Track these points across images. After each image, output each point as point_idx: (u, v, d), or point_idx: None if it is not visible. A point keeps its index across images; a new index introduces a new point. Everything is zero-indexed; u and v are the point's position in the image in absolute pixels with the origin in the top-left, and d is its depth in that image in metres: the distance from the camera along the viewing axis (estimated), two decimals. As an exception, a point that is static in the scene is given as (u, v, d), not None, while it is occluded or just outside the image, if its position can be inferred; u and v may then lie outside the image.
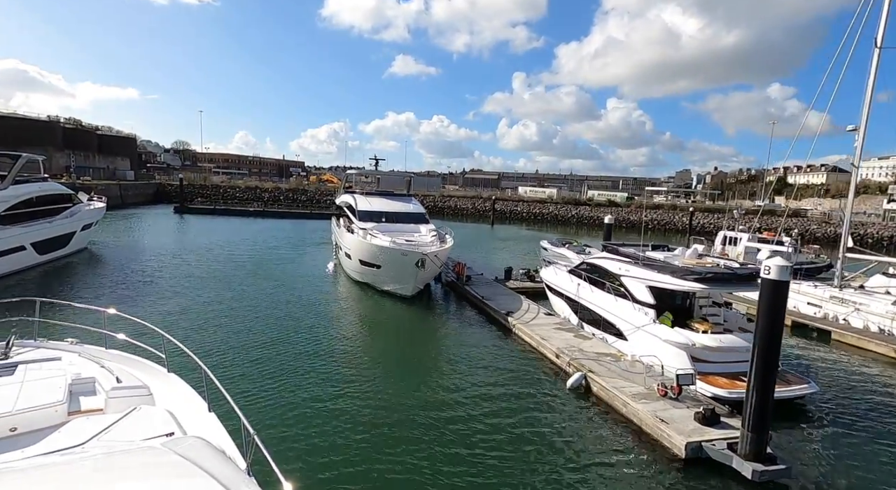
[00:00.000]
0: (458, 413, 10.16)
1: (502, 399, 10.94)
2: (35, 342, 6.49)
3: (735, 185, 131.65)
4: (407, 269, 17.29)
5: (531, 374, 12.47)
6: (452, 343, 14.94)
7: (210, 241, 32.63)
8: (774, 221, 65.76)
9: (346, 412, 9.87)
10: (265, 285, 20.37)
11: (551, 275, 18.15)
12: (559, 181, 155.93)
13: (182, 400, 5.38)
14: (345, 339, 14.69)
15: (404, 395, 10.87)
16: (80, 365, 5.79)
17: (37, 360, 5.69)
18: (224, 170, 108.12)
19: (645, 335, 12.57)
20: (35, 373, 5.29)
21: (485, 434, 9.34)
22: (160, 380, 5.82)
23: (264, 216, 52.61)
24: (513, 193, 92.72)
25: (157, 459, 3.38)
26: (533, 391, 11.48)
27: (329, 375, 11.75)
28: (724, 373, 11.44)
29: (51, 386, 4.98)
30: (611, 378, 11.23)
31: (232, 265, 24.50)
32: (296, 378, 11.43)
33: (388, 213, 22.13)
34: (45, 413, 4.59)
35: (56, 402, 4.71)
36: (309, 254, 29.98)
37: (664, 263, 13.05)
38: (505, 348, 14.31)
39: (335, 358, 12.92)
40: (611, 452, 8.97)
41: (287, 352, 13.00)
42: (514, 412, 10.36)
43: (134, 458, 3.44)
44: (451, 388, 11.43)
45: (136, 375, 5.74)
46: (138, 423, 4.51)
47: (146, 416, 4.68)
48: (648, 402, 9.95)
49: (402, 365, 13.14)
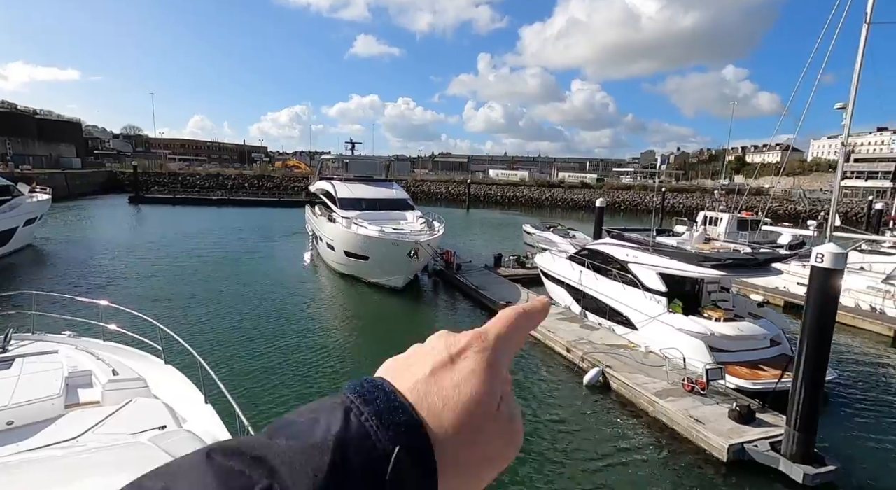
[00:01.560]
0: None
1: (518, 400, 10.14)
2: (32, 335, 6.48)
3: (697, 165, 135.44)
4: (399, 260, 16.16)
5: (542, 370, 11.73)
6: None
7: (172, 233, 30.27)
8: (739, 199, 67.65)
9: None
10: (240, 280, 18.79)
11: (548, 261, 17.42)
12: (528, 163, 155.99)
13: (178, 392, 5.38)
14: (336, 333, 13.64)
15: None
16: (77, 358, 5.79)
17: (33, 354, 5.69)
18: (181, 156, 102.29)
19: (658, 325, 12.01)
20: (32, 366, 5.31)
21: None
22: (157, 371, 5.82)
23: (229, 205, 49.79)
24: (484, 176, 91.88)
25: (138, 455, 3.29)
26: (547, 389, 10.75)
27: (322, 368, 10.82)
28: (743, 361, 11.02)
29: (47, 379, 4.99)
30: (630, 373, 10.60)
31: (199, 260, 22.62)
32: (287, 373, 10.35)
33: (371, 199, 20.78)
34: (41, 406, 4.59)
35: (52, 396, 4.71)
36: (282, 245, 28.25)
37: (677, 249, 12.48)
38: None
39: (327, 352, 12.13)
40: (644, 457, 8.34)
41: (269, 353, 11.81)
42: (528, 413, 9.59)
43: (116, 454, 3.38)
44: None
45: (132, 368, 5.73)
46: (134, 415, 4.49)
47: (142, 408, 4.66)
48: (676, 400, 9.36)
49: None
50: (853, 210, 59.69)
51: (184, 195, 51.75)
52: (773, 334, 11.39)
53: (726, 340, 11.01)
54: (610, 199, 65.50)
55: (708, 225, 28.42)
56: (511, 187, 67.28)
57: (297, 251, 26.01)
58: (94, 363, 5.67)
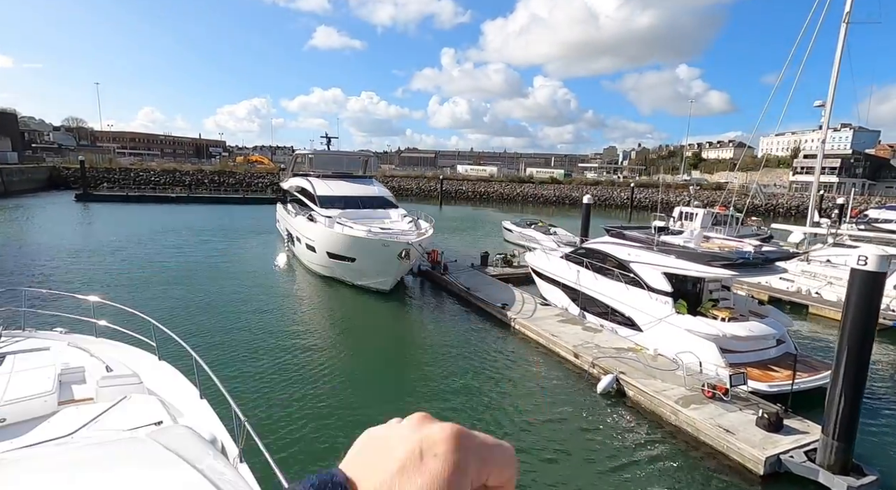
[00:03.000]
0: (470, 420, 8.69)
1: (526, 411, 9.55)
2: (23, 333, 6.36)
3: (657, 161, 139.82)
4: (388, 262, 15.21)
5: (551, 378, 11.17)
6: (448, 342, 13.25)
7: (128, 233, 27.93)
8: (702, 194, 69.84)
9: (340, 408, 8.90)
10: (210, 286, 17.30)
11: (541, 260, 16.92)
12: (494, 159, 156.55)
13: (173, 387, 5.36)
14: (320, 338, 12.61)
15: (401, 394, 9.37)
16: (69, 354, 5.72)
17: (25, 351, 5.62)
18: (132, 150, 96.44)
19: (665, 326, 11.69)
20: (23, 363, 5.24)
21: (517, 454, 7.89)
22: (151, 367, 5.78)
23: (189, 202, 46.90)
24: (452, 172, 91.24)
25: (139, 450, 3.34)
26: (558, 399, 10.19)
27: (309, 372, 9.92)
28: (752, 363, 10.83)
29: (39, 376, 4.95)
30: (644, 379, 10.18)
31: (161, 264, 20.79)
32: (273, 381, 9.33)
33: (352, 197, 19.63)
34: (34, 403, 4.54)
35: (45, 393, 4.67)
36: (252, 246, 26.56)
37: (683, 248, 12.16)
38: (510, 348, 12.91)
39: (312, 357, 11.26)
40: (673, 470, 7.89)
41: (247, 358, 10.70)
42: (542, 426, 9.03)
43: (115, 450, 3.42)
44: (458, 393, 10.01)
45: (125, 364, 5.67)
46: (128, 411, 4.46)
47: (136, 404, 4.63)
48: (699, 408, 8.99)
49: (392, 367, 11.58)
50: (804, 204, 63.00)
51: (138, 192, 48.29)
52: (780, 333, 11.27)
53: (736, 341, 10.78)
54: (579, 194, 66.44)
55: (683, 220, 28.91)
56: (482, 183, 66.87)
57: (269, 252, 24.49)
58: (87, 359, 5.59)
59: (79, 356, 5.68)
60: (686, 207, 29.29)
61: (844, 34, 17.62)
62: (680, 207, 29.68)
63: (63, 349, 5.86)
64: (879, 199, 56.78)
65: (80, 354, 5.75)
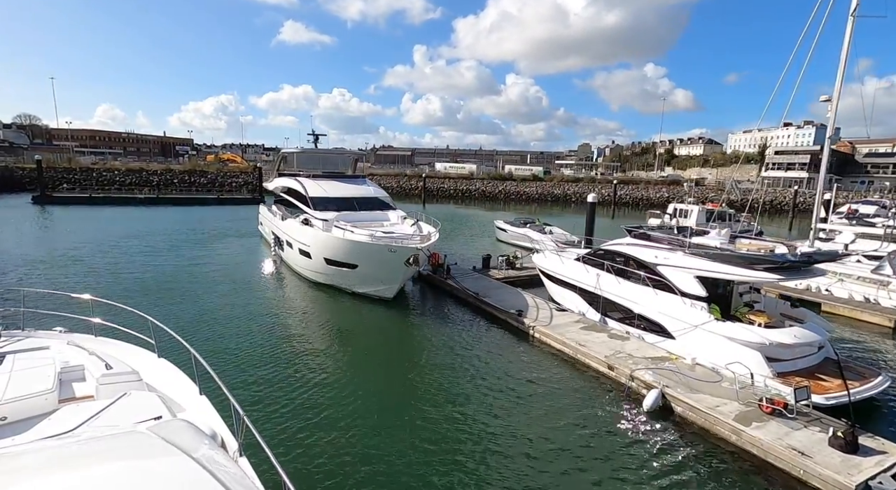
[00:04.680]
0: (509, 451, 7.95)
1: (563, 437, 8.59)
2: (22, 332, 6.39)
3: (631, 157, 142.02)
4: (394, 268, 14.02)
5: (583, 395, 10.25)
6: (459, 353, 12.18)
7: (93, 238, 25.71)
8: (679, 190, 70.84)
9: (340, 410, 7.62)
10: (193, 295, 15.72)
11: (553, 263, 16.05)
12: (471, 156, 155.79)
13: (173, 384, 5.35)
14: (319, 350, 11.35)
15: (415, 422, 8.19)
16: (69, 353, 5.73)
17: (24, 350, 5.62)
18: (92, 149, 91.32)
19: (701, 333, 10.96)
20: (23, 362, 5.23)
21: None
22: (150, 365, 5.77)
23: (158, 204, 44.29)
24: (431, 170, 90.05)
25: (140, 443, 3.36)
26: (597, 418, 9.27)
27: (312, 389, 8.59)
28: (796, 371, 10.21)
29: (39, 375, 4.94)
30: (691, 393, 9.38)
31: (134, 274, 19.00)
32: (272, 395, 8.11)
33: (347, 198, 18.28)
34: (34, 401, 4.56)
35: (45, 391, 4.68)
36: (233, 250, 24.80)
37: (720, 250, 11.46)
38: (531, 360, 11.94)
39: (313, 373, 9.75)
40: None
41: (246, 374, 9.42)
42: (584, 451, 8.13)
43: (116, 442, 3.43)
44: (478, 417, 8.99)
45: (125, 361, 5.66)
46: (129, 407, 4.42)
47: (136, 400, 4.59)
48: (761, 426, 8.23)
49: (395, 379, 10.43)
50: (776, 199, 64.62)
51: (102, 194, 45.32)
52: (823, 339, 10.69)
53: (782, 349, 10.13)
54: (561, 191, 66.41)
55: (678, 217, 28.65)
56: (464, 181, 66.00)
57: (254, 257, 22.87)
58: (87, 358, 5.59)
59: (78, 354, 5.67)
60: (680, 204, 29.08)
61: (851, 28, 17.39)
62: (674, 204, 29.45)
63: (62, 348, 5.83)
64: (849, 194, 58.65)
65: (80, 353, 5.73)
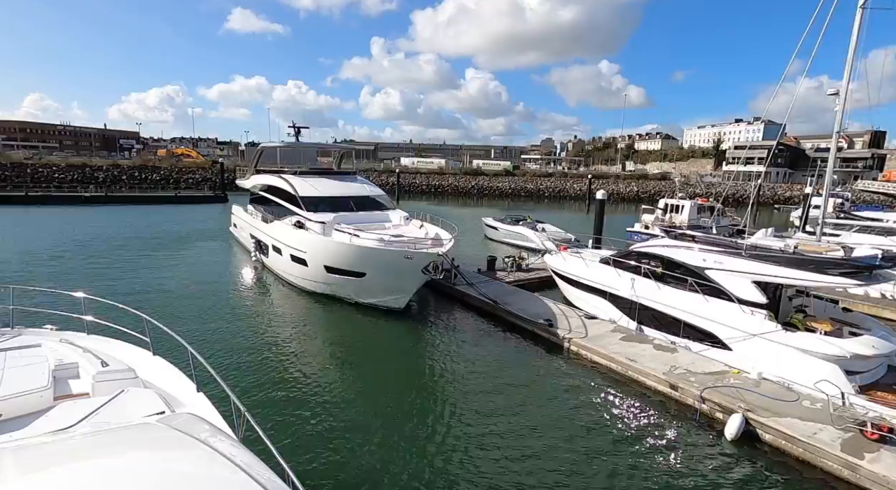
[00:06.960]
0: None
1: (647, 474, 7.32)
2: (13, 330, 6.30)
3: (593, 152, 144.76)
4: (409, 276, 12.32)
5: (649, 421, 9.00)
6: (482, 371, 10.71)
7: (33, 245, 22.37)
8: (647, 184, 72.12)
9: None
10: (168, 310, 13.40)
11: (575, 265, 14.80)
12: (435, 151, 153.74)
13: (169, 381, 5.29)
14: (320, 368, 9.58)
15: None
16: (62, 350, 5.63)
17: (16, 348, 5.49)
18: (23, 143, 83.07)
19: (763, 344, 9.98)
20: (16, 360, 5.15)
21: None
22: (146, 362, 5.68)
23: (106, 203, 40.14)
24: (397, 164, 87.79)
25: (155, 434, 3.34)
26: (678, 452, 8.03)
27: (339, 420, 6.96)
28: (871, 384, 9.40)
29: (33, 372, 4.84)
30: (780, 418, 8.32)
31: (94, 284, 16.28)
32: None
33: (342, 197, 16.29)
34: (29, 399, 4.46)
35: (40, 388, 4.58)
36: (201, 255, 22.17)
37: (783, 253, 10.51)
38: (570, 380, 10.56)
39: (316, 396, 7.97)
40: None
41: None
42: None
43: (132, 434, 3.42)
44: (518, 455, 7.52)
45: (120, 359, 5.57)
46: (127, 404, 4.39)
47: (135, 397, 4.55)
48: (874, 456, 7.22)
49: (411, 403, 8.75)
50: (738, 193, 66.92)
51: (41, 192, 40.61)
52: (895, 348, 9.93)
53: (861, 361, 9.26)
54: (534, 186, 66.03)
55: (671, 212, 28.30)
56: (436, 176, 64.39)
57: (230, 263, 20.45)
58: (81, 355, 5.51)
59: (71, 352, 5.60)
60: (671, 199, 28.74)
61: (860, 19, 17.08)
62: (665, 199, 29.07)
63: (55, 346, 5.75)
64: (802, 187, 61.37)
65: (73, 350, 5.66)
